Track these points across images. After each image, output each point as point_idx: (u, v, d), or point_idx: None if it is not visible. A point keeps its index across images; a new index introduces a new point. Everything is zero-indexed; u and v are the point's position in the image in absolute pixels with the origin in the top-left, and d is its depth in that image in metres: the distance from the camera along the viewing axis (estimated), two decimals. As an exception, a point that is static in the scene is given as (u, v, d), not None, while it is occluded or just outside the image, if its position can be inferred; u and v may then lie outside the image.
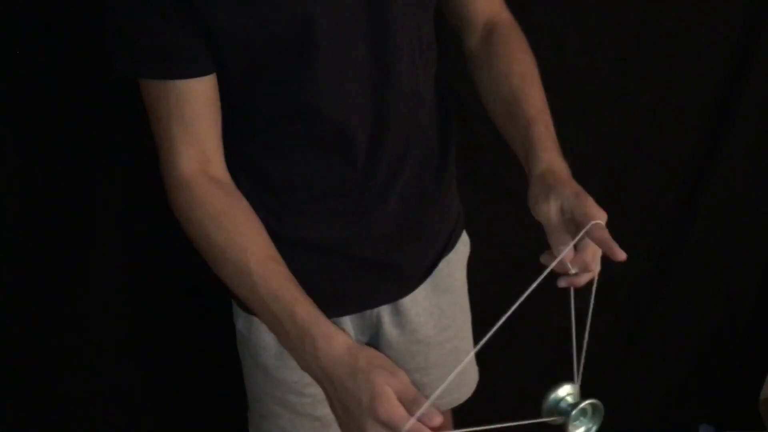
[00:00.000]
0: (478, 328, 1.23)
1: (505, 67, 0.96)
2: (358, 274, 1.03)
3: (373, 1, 0.84)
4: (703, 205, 1.62)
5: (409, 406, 0.70)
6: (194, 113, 0.84)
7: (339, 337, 0.77)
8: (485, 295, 1.27)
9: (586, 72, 1.42)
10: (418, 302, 1.11)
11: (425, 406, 0.69)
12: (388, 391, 0.70)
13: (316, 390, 1.11)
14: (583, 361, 0.76)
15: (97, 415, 1.39)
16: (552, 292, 0.84)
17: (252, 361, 1.12)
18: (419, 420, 0.68)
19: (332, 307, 1.07)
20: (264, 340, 1.07)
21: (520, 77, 0.95)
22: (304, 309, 0.78)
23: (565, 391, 0.75)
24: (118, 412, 1.41)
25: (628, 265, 1.70)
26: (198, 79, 0.83)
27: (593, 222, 0.79)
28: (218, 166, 0.87)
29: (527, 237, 1.51)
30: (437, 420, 0.69)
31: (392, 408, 0.69)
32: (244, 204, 0.87)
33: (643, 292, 1.72)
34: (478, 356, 1.30)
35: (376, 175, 0.96)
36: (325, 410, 1.15)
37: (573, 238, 0.82)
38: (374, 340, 1.16)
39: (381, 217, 1.00)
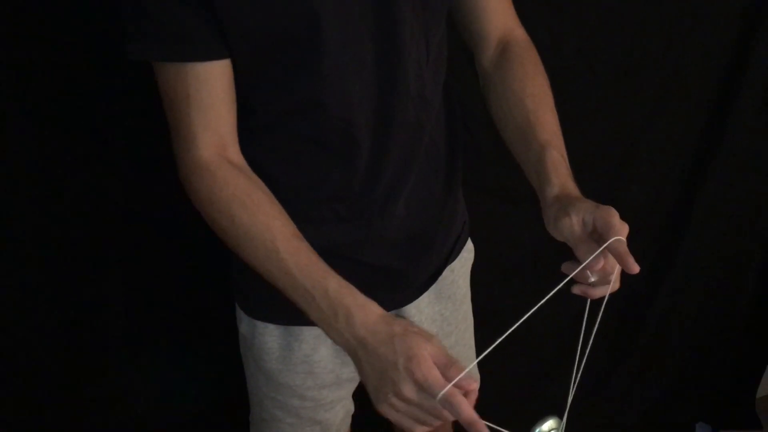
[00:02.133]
0: (479, 330, 1.24)
1: (520, 89, 0.94)
2: (363, 281, 1.02)
3: (380, 3, 0.84)
4: (702, 204, 1.63)
5: (443, 370, 0.72)
6: (212, 97, 0.84)
7: (373, 307, 0.79)
8: (485, 297, 1.27)
9: (586, 72, 1.42)
10: (421, 309, 1.11)
11: (463, 373, 0.71)
12: (425, 353, 0.72)
13: (318, 394, 1.12)
14: (572, 395, 0.77)
15: (97, 416, 1.39)
16: (554, 295, 0.84)
17: (255, 365, 1.12)
18: (455, 385, 0.70)
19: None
20: (267, 344, 1.07)
21: (534, 100, 0.93)
22: (335, 281, 0.80)
23: (549, 426, 0.75)
24: (118, 413, 1.40)
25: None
26: (215, 62, 0.83)
27: (616, 238, 0.79)
28: (234, 151, 0.88)
29: (527, 238, 1.52)
30: (474, 385, 0.71)
31: (429, 369, 0.71)
32: (264, 186, 0.88)
33: (641, 292, 1.73)
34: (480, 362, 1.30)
35: (380, 179, 0.96)
36: (326, 414, 1.16)
37: (598, 248, 0.81)
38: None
39: (386, 223, 1.00)
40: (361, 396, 1.24)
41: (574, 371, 0.77)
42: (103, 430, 1.40)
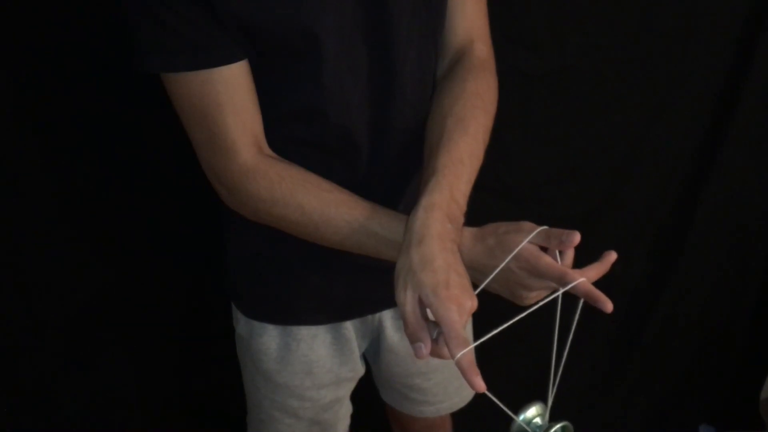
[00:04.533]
0: (480, 329, 1.23)
1: (448, 106, 0.90)
2: (361, 280, 1.02)
3: (374, 11, 0.83)
4: (703, 205, 1.62)
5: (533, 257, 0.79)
6: (243, 99, 0.83)
7: (462, 233, 0.83)
8: (484, 294, 1.26)
9: (587, 72, 1.42)
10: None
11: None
12: (528, 249, 0.79)
13: (317, 394, 1.11)
14: (557, 381, 0.76)
15: (95, 418, 1.39)
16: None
17: (252, 366, 1.11)
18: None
19: (334, 311, 1.07)
20: (265, 344, 1.07)
21: (456, 121, 0.88)
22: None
23: (533, 413, 0.74)
24: (116, 416, 1.40)
25: (628, 265, 1.69)
26: (239, 63, 0.81)
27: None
28: (266, 144, 0.88)
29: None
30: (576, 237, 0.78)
31: (548, 262, 0.78)
32: (303, 169, 0.87)
33: (643, 292, 1.72)
34: (478, 361, 1.29)
35: (379, 182, 0.95)
36: (325, 415, 1.15)
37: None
38: (376, 344, 1.16)
39: None
40: (360, 396, 1.23)
41: (553, 353, 0.77)
42: (100, 430, 1.40)
